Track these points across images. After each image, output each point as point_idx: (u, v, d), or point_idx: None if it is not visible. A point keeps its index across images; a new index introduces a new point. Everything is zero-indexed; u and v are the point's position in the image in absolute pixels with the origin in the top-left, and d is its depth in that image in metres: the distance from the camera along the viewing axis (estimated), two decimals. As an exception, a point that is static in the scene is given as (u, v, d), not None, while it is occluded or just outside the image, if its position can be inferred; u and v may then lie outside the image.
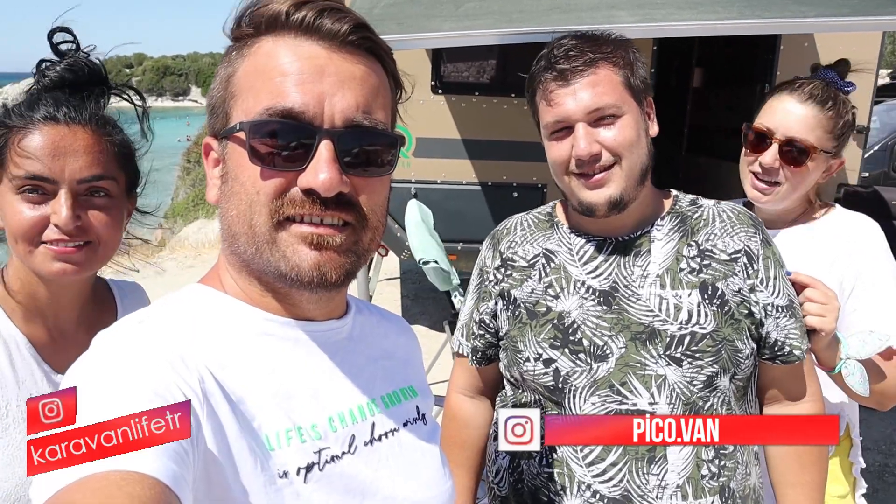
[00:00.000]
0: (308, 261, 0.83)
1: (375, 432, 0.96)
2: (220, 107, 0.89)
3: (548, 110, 1.42)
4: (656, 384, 1.37)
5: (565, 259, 1.50)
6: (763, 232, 1.49)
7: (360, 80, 0.86)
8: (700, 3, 2.23)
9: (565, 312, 1.45)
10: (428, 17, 2.28)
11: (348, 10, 0.87)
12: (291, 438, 0.84)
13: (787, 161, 1.76)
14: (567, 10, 2.20)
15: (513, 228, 1.61)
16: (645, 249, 1.46)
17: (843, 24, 2.31)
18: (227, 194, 0.87)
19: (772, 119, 1.79)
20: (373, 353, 1.04)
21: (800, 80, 1.82)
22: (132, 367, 0.75)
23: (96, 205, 1.29)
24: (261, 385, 0.85)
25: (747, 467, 1.46)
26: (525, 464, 1.52)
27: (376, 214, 0.90)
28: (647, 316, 1.40)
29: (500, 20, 2.21)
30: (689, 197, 1.55)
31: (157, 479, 0.64)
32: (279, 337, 0.91)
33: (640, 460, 1.36)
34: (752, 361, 1.45)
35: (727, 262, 1.43)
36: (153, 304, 0.91)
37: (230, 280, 0.93)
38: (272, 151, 0.83)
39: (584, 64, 1.37)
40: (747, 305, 1.42)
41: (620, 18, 2.16)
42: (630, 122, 1.39)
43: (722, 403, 1.40)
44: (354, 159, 0.85)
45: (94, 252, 1.30)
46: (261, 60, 0.85)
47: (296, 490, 0.82)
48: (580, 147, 1.36)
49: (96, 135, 1.29)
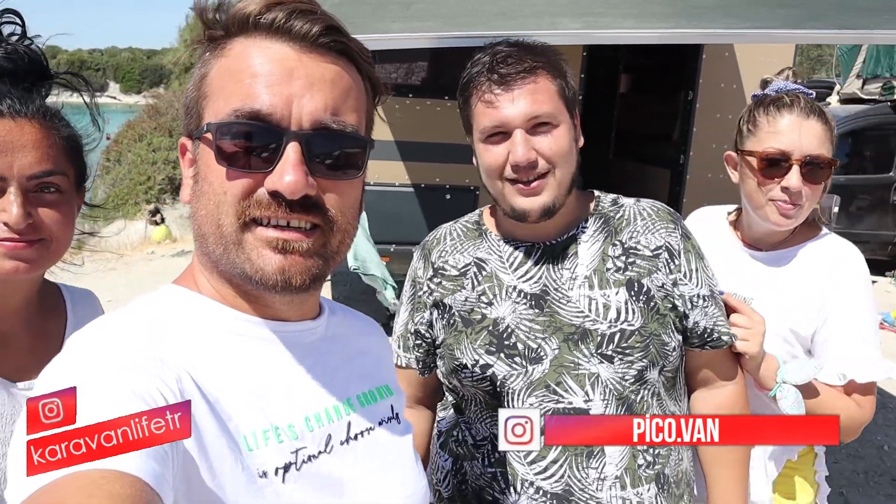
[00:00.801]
0: (272, 265, 0.83)
1: (351, 431, 0.96)
2: (194, 107, 0.89)
3: (485, 114, 1.42)
4: (590, 382, 1.41)
5: (496, 266, 1.52)
6: (682, 227, 1.54)
7: (329, 81, 0.85)
8: (639, 14, 2.31)
9: (499, 318, 1.47)
10: (377, 17, 2.28)
11: (321, 11, 0.87)
12: (269, 438, 0.84)
13: (810, 180, 1.69)
14: (512, 15, 2.24)
15: (442, 238, 1.62)
16: (572, 252, 1.49)
17: (772, 35, 2.44)
18: (198, 194, 0.87)
19: (782, 140, 1.70)
20: (347, 353, 1.04)
21: (785, 95, 1.76)
22: (108, 369, 0.74)
23: (47, 201, 1.24)
24: (237, 385, 0.85)
25: (679, 453, 1.52)
26: (468, 465, 1.54)
27: (345, 217, 0.89)
28: (578, 317, 1.44)
29: (448, 24, 2.23)
30: (609, 197, 1.58)
31: (137, 477, 0.63)
32: (254, 337, 0.90)
33: (580, 455, 1.40)
34: (679, 353, 1.51)
35: (650, 259, 1.47)
36: (129, 304, 0.89)
37: (204, 281, 0.92)
38: (239, 152, 0.82)
39: (525, 71, 1.38)
40: (671, 300, 1.47)
41: (563, 25, 2.22)
42: (564, 131, 1.41)
43: (652, 395, 1.46)
44: (322, 162, 0.85)
45: (46, 249, 1.25)
46: (232, 62, 0.85)
47: (276, 490, 0.82)
48: (518, 153, 1.37)
49: (44, 128, 1.24)
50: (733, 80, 5.95)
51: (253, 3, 0.85)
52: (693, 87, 5.92)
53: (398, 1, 2.35)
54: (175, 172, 16.30)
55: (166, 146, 16.81)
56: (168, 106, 18.80)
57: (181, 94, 12.09)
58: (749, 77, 5.94)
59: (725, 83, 5.94)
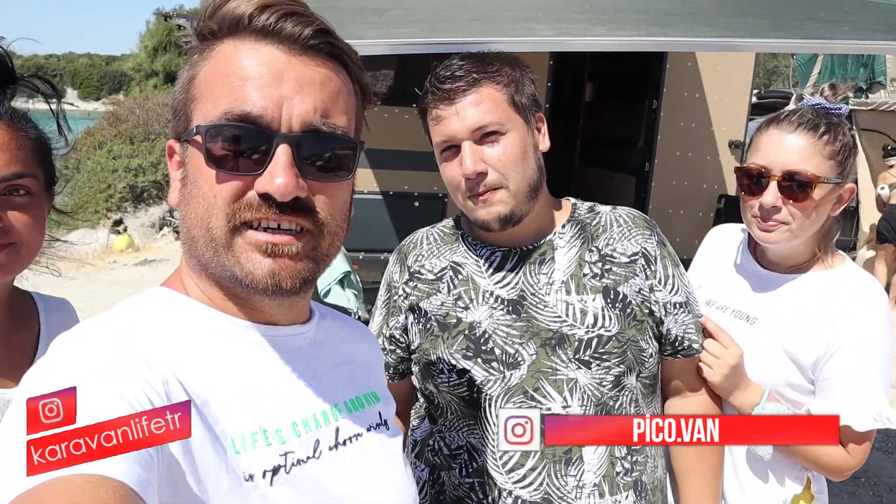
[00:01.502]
0: (263, 268, 0.83)
1: (340, 437, 0.96)
2: (182, 110, 0.88)
3: (435, 130, 1.45)
4: (568, 387, 1.42)
5: (473, 270, 1.53)
6: (658, 233, 1.56)
7: (319, 84, 0.85)
8: (611, 21, 2.35)
9: (476, 323, 1.47)
10: (353, 23, 2.28)
11: (311, 13, 0.87)
12: (257, 441, 0.84)
13: (790, 197, 1.60)
14: (488, 20, 2.26)
15: (419, 242, 1.62)
16: (549, 257, 1.50)
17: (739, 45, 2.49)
18: (187, 198, 0.87)
19: (764, 155, 1.64)
20: (336, 359, 1.04)
21: (784, 112, 1.68)
22: (95, 372, 0.73)
23: (17, 204, 1.22)
24: (225, 388, 0.84)
25: (654, 460, 1.54)
26: (446, 475, 1.54)
27: (335, 219, 0.90)
28: (556, 322, 1.45)
29: (424, 29, 2.24)
30: (586, 204, 1.60)
31: (122, 482, 0.63)
32: (243, 340, 0.90)
33: (558, 463, 1.41)
34: (656, 360, 1.53)
35: (627, 265, 1.49)
36: (116, 306, 0.88)
37: (192, 284, 0.91)
38: (228, 155, 0.82)
39: (467, 84, 1.40)
40: (648, 305, 1.48)
41: (539, 32, 2.24)
42: (515, 139, 1.42)
43: (630, 402, 1.47)
44: (312, 164, 0.85)
45: (16, 254, 1.23)
46: (221, 64, 0.85)
47: (262, 493, 0.81)
48: (466, 166, 1.39)
49: (12, 130, 1.22)
50: (696, 90, 6.07)
51: (242, 4, 0.85)
52: (657, 96, 6.01)
53: (373, 7, 2.35)
54: (137, 180, 16.03)
55: (127, 154, 16.51)
56: (129, 113, 18.45)
57: (142, 101, 11.92)
58: (711, 86, 6.06)
59: (688, 92, 6.05)
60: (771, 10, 2.50)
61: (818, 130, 1.60)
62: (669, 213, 6.07)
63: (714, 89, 6.07)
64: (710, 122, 6.00)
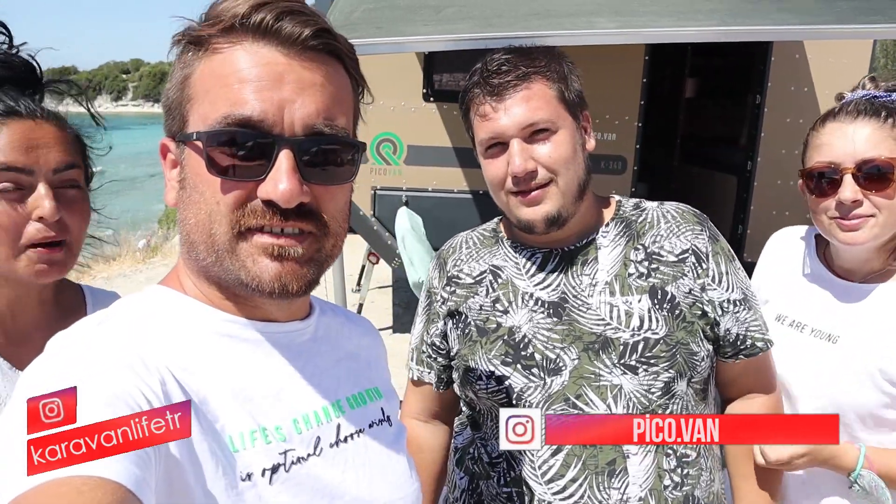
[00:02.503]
0: (269, 272, 0.83)
1: (341, 434, 0.95)
2: (177, 109, 0.88)
3: (481, 126, 1.39)
4: (612, 394, 1.35)
5: (512, 273, 1.48)
6: (710, 228, 1.47)
7: (321, 86, 0.84)
8: (681, 12, 2.23)
9: (515, 327, 1.42)
10: (407, 21, 2.28)
11: (309, 11, 0.86)
12: (256, 440, 0.84)
13: (870, 187, 1.47)
14: (546, 15, 2.19)
15: (458, 247, 1.59)
16: (592, 257, 1.43)
17: (825, 31, 2.31)
18: (186, 202, 0.86)
19: (829, 151, 1.52)
20: (337, 355, 1.03)
21: (836, 107, 1.57)
22: (90, 370, 0.73)
23: (69, 198, 1.28)
24: (223, 386, 0.84)
25: (711, 473, 1.44)
26: (484, 484, 1.50)
27: (337, 221, 0.89)
28: (599, 325, 1.38)
29: (480, 24, 2.20)
30: (632, 201, 1.53)
31: (119, 483, 0.63)
32: (241, 338, 0.90)
33: (601, 474, 1.33)
34: (710, 363, 1.43)
35: (675, 264, 1.41)
36: (111, 305, 0.89)
37: (190, 283, 0.92)
38: (231, 163, 0.81)
39: (517, 78, 1.35)
40: (700, 306, 1.39)
41: (600, 25, 2.16)
42: (566, 137, 1.36)
43: (682, 410, 1.38)
44: (315, 168, 0.84)
45: (70, 252, 1.29)
46: (217, 65, 0.83)
47: (258, 493, 0.81)
48: (516, 164, 1.33)
49: (59, 127, 1.28)
50: (804, 83, 5.71)
51: (239, 4, 0.83)
52: (762, 90, 5.70)
53: (430, 5, 2.33)
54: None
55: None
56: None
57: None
58: (821, 79, 5.68)
59: (796, 86, 5.70)
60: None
61: (880, 115, 1.49)
62: (773, 214, 5.75)
63: (825, 82, 5.68)
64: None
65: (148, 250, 11.50)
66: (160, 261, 10.70)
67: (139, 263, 10.59)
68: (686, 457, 1.38)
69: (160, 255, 11.35)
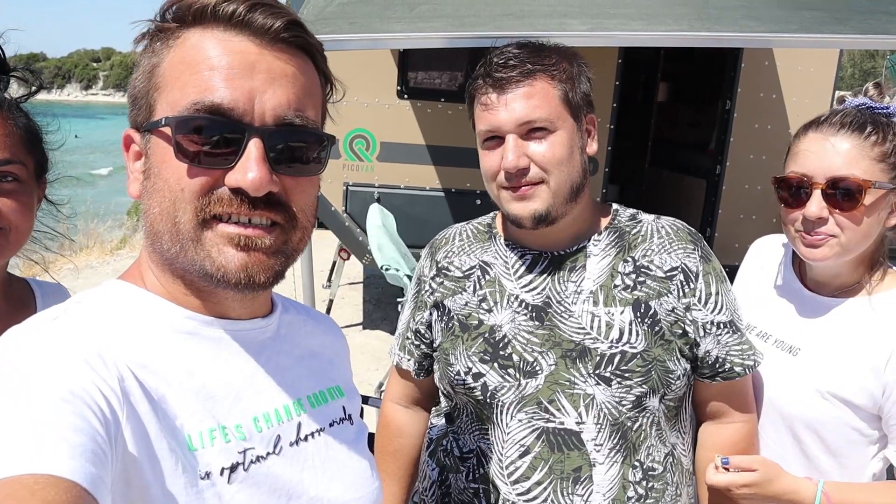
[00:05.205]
0: (235, 262, 0.82)
1: (301, 432, 0.94)
2: (143, 98, 0.86)
3: (481, 117, 1.39)
4: (584, 403, 1.35)
5: (500, 272, 1.48)
6: (702, 248, 1.45)
7: (291, 77, 0.84)
8: (651, 15, 2.26)
9: (497, 326, 1.43)
10: (381, 17, 2.28)
11: (280, 5, 0.86)
12: (215, 438, 0.82)
13: (836, 206, 1.43)
14: (520, 16, 2.20)
15: (451, 238, 1.58)
16: (580, 265, 1.43)
17: (789, 40, 2.36)
18: (150, 191, 0.85)
19: (804, 162, 1.48)
20: (298, 353, 1.02)
21: (825, 114, 1.51)
22: (46, 366, 0.71)
23: (5, 190, 1.26)
24: (183, 384, 0.83)
25: (678, 488, 1.44)
26: (453, 478, 1.50)
27: (305, 214, 0.88)
28: (579, 333, 1.38)
29: (453, 23, 2.21)
30: (629, 211, 1.51)
31: (74, 482, 0.61)
32: (202, 336, 0.88)
33: (566, 480, 1.34)
34: (686, 382, 1.42)
35: (662, 280, 1.40)
36: (68, 300, 0.87)
37: (152, 277, 0.90)
38: (199, 149, 0.80)
39: (521, 74, 1.34)
40: (681, 325, 1.38)
41: (572, 27, 2.18)
42: (563, 138, 1.36)
43: (651, 424, 1.38)
44: (284, 158, 0.84)
45: (5, 238, 1.27)
46: (188, 52, 0.82)
47: (218, 491, 0.80)
48: (508, 159, 1.34)
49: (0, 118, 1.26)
50: (773, 90, 5.81)
51: None
52: (731, 96, 5.80)
53: (404, 1, 2.34)
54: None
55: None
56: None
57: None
58: (789, 86, 5.79)
59: (765, 92, 5.80)
60: (830, 3, 2.34)
61: (864, 130, 1.43)
62: (741, 218, 5.85)
63: (793, 90, 5.80)
64: (788, 124, 5.73)
65: (117, 242, 11.32)
66: (128, 252, 10.54)
67: (107, 255, 10.42)
68: (652, 470, 1.39)
69: (128, 246, 11.18)
